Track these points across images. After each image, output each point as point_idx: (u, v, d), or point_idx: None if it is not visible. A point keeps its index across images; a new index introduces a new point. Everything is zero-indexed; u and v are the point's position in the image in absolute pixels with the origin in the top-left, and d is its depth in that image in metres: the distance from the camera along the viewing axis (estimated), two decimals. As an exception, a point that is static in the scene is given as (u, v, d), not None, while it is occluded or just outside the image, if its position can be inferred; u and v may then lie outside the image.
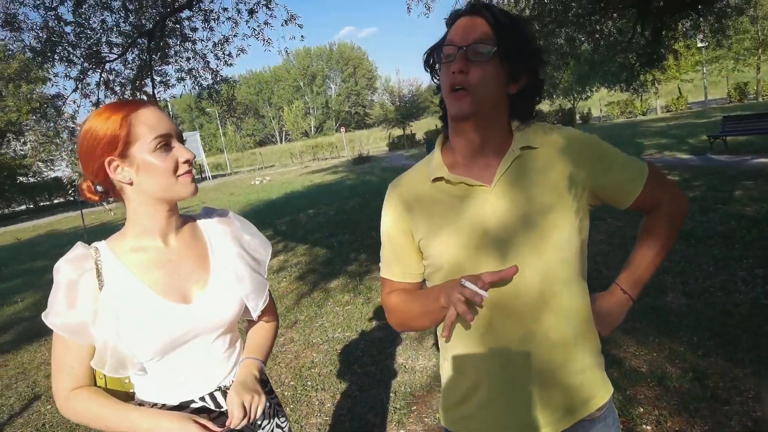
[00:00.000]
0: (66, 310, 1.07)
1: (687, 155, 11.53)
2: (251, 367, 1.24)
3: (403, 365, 3.58)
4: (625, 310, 1.20)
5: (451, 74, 1.02)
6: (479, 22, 1.02)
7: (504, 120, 1.10)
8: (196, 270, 1.19)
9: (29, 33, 6.33)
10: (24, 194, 38.96)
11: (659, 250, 1.19)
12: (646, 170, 1.14)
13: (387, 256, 1.23)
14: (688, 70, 32.11)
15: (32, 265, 11.76)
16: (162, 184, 1.10)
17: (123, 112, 1.07)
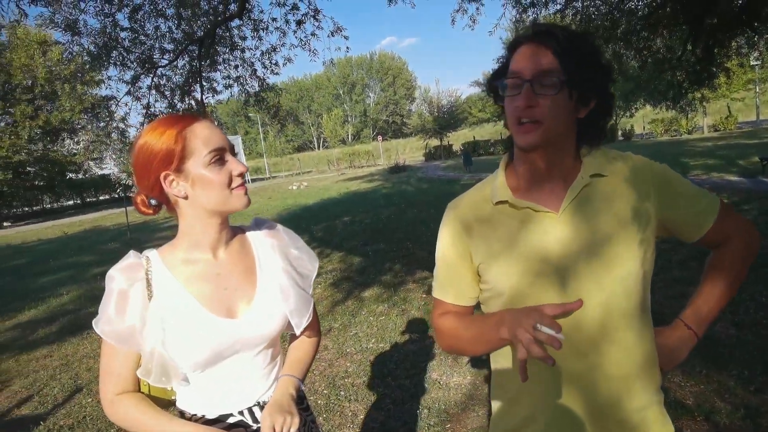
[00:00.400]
0: (115, 318, 1.09)
1: (737, 177, 11.09)
2: (288, 386, 1.23)
3: (437, 381, 3.54)
4: (690, 347, 1.14)
5: (517, 108, 0.99)
6: (543, 52, 0.97)
7: (572, 145, 1.07)
8: (242, 284, 1.20)
9: (87, 38, 6.62)
10: (72, 190, 40.65)
11: (728, 287, 1.14)
12: (718, 204, 1.10)
13: (442, 276, 1.20)
14: (738, 89, 30.93)
15: (78, 259, 12.22)
16: (217, 197, 1.11)
17: (178, 127, 1.09)
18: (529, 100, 0.97)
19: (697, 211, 1.09)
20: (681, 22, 7.20)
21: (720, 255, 1.16)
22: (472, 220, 1.14)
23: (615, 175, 1.06)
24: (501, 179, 1.12)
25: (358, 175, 34.36)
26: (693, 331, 1.13)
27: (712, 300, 1.14)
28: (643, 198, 1.04)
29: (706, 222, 1.09)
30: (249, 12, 6.78)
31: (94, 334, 5.81)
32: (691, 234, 1.11)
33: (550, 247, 1.03)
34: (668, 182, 1.08)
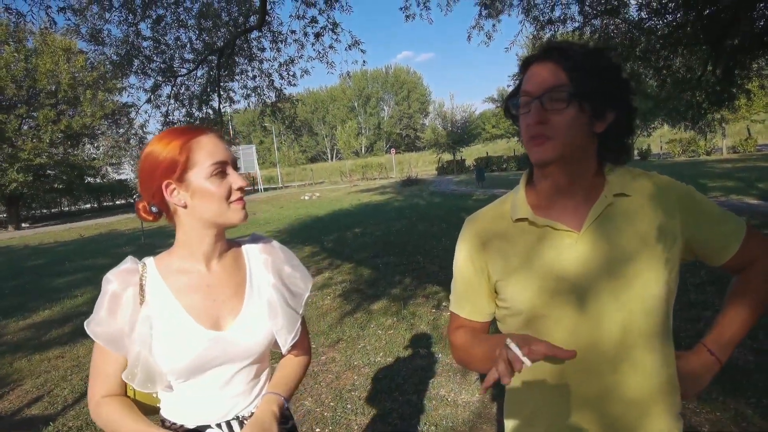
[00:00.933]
0: (106, 319, 1.12)
1: (756, 200, 10.93)
2: (271, 403, 1.23)
3: (445, 398, 3.50)
4: (713, 373, 1.11)
5: (528, 125, 0.99)
6: (551, 67, 0.97)
7: (592, 161, 1.05)
8: (231, 298, 1.21)
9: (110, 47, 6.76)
10: (90, 194, 41.25)
11: (752, 312, 1.10)
12: (744, 227, 1.08)
13: (458, 291, 1.20)
14: (759, 111, 30.58)
15: (93, 262, 12.35)
16: (215, 209, 1.14)
17: (183, 138, 1.12)
18: (539, 116, 0.97)
19: (723, 234, 1.07)
20: (701, 43, 7.17)
21: (745, 279, 1.12)
22: (490, 236, 1.13)
23: (639, 195, 1.05)
24: (521, 196, 1.11)
25: (371, 187, 34.43)
26: (716, 357, 1.10)
27: (735, 325, 1.11)
28: (668, 218, 1.03)
29: (732, 245, 1.07)
30: (269, 24, 6.89)
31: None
32: (717, 257, 1.08)
33: (569, 266, 1.02)
34: (694, 203, 1.06)
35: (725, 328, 1.12)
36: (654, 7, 7.09)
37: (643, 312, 0.99)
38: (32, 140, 29.58)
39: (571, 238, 1.03)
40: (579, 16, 7.17)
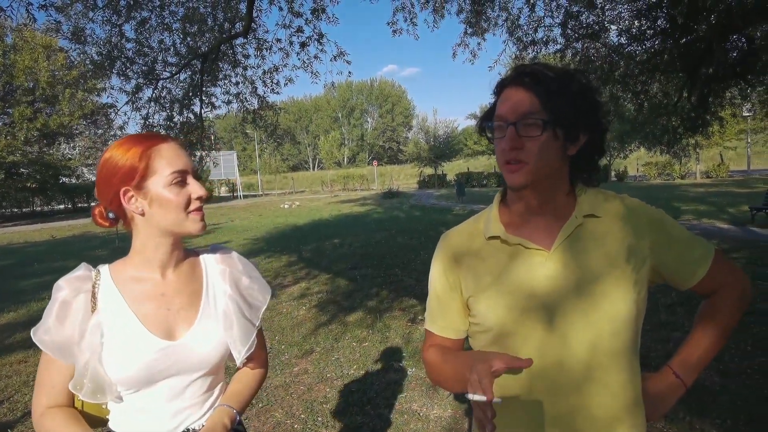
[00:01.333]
0: (54, 327, 1.08)
1: (727, 225, 11.21)
2: (223, 416, 1.20)
3: (417, 412, 3.48)
4: (678, 396, 1.11)
5: (503, 150, 1.01)
6: (525, 93, 0.98)
7: (564, 182, 1.07)
8: (186, 307, 1.19)
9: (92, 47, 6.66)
10: (64, 194, 40.31)
11: (719, 336, 1.12)
12: (713, 251, 1.10)
13: (432, 308, 1.20)
14: (731, 138, 31.55)
15: (64, 264, 12.03)
16: (172, 218, 1.12)
17: (144, 145, 1.11)
18: (513, 142, 0.99)
19: (691, 258, 1.08)
20: (678, 70, 7.36)
21: (712, 303, 1.14)
22: (463, 253, 1.14)
23: (609, 216, 1.07)
24: (494, 214, 1.13)
25: (351, 198, 34.40)
26: (681, 380, 1.11)
27: (702, 348, 1.13)
28: (636, 240, 1.04)
29: (700, 269, 1.09)
30: (254, 31, 6.86)
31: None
32: (685, 281, 1.10)
33: (539, 284, 1.03)
34: (663, 227, 1.08)
35: (692, 351, 1.13)
36: (633, 33, 7.27)
37: (611, 332, 1.00)
38: (6, 137, 28.88)
39: (541, 256, 1.04)
40: (561, 38, 7.31)
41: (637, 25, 7.20)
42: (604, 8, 7.15)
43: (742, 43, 7.28)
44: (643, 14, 6.85)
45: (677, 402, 1.13)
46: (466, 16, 7.20)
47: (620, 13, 7.40)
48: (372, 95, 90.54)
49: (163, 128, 6.99)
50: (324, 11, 6.51)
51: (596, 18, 7.10)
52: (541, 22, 7.21)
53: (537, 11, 7.09)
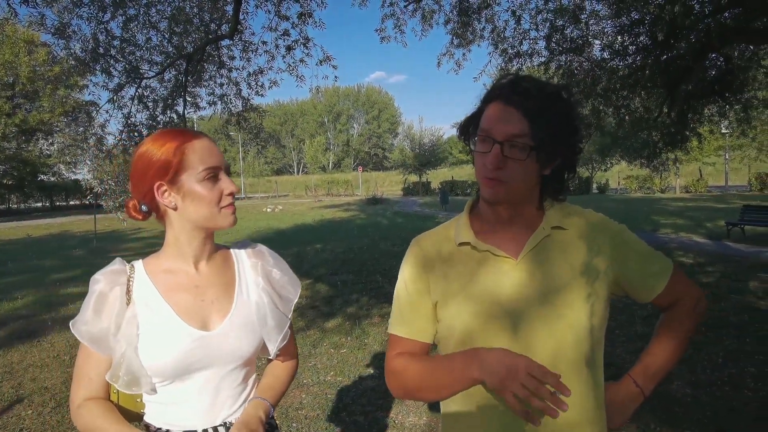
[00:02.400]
0: (92, 320, 1.11)
1: (703, 239, 11.43)
2: (258, 409, 1.21)
3: (392, 420, 3.47)
4: (637, 404, 1.14)
5: (485, 165, 1.02)
6: (516, 114, 0.98)
7: (536, 197, 1.11)
8: (220, 298, 1.20)
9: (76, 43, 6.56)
10: (42, 192, 39.54)
11: (677, 347, 1.17)
12: (671, 267, 1.14)
13: (400, 311, 1.18)
14: (710, 154, 32.25)
15: (39, 263, 11.80)
16: (205, 212, 1.14)
17: (178, 140, 1.13)
18: (498, 161, 1.00)
19: (650, 273, 1.12)
20: (658, 86, 7.51)
21: (670, 316, 1.19)
22: (434, 258, 1.15)
23: (574, 229, 1.10)
24: (465, 221, 1.15)
25: (335, 203, 34.34)
26: (640, 389, 1.14)
27: (661, 359, 1.16)
28: (597, 253, 1.08)
29: (659, 284, 1.12)
30: (240, 33, 6.84)
31: (44, 342, 5.59)
32: (644, 294, 1.14)
33: (505, 291, 1.05)
34: (624, 242, 1.12)
35: (651, 361, 1.16)
36: (616, 48, 7.41)
37: (573, 341, 1.02)
38: (-17, 132, 28.31)
39: (508, 264, 1.06)
40: (546, 51, 7.42)
41: (620, 40, 7.34)
42: (588, 23, 7.27)
43: (721, 61, 7.47)
44: (625, 30, 6.99)
45: (636, 410, 1.15)
46: (453, 27, 7.27)
47: (604, 29, 7.54)
48: (359, 101, 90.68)
49: (145, 127, 6.91)
50: (311, 16, 6.51)
51: (580, 32, 7.22)
52: (527, 35, 7.32)
53: (522, 24, 7.20)
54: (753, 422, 3.20)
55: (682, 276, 1.16)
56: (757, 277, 7.16)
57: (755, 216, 11.18)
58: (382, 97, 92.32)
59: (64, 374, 4.53)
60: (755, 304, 5.78)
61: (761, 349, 4.36)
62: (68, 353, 5.10)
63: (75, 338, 4.27)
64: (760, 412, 3.32)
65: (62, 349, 5.24)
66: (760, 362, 4.10)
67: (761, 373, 3.91)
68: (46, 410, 3.81)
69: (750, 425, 3.16)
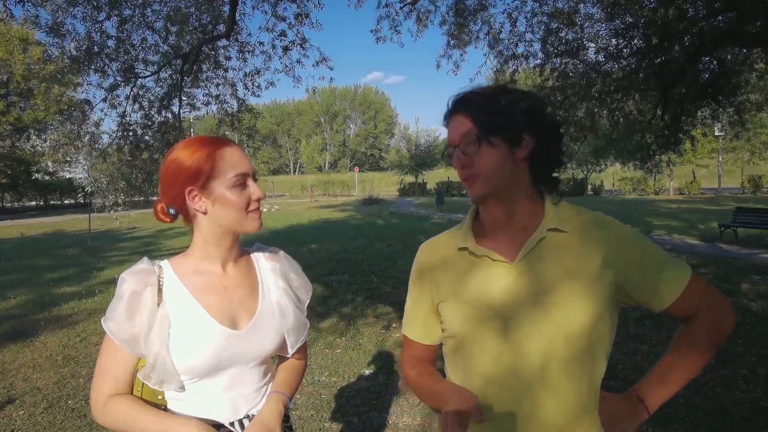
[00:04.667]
0: (124, 319, 1.13)
1: (696, 241, 11.50)
2: (278, 402, 1.27)
3: (387, 420, 3.48)
4: (639, 422, 1.08)
5: (457, 170, 1.10)
6: (460, 118, 1.07)
7: (524, 190, 1.10)
8: (246, 299, 1.27)
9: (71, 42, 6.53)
10: (37, 190, 39.32)
11: (690, 366, 1.09)
12: (689, 274, 1.07)
13: (409, 314, 1.27)
14: (704, 156, 32.40)
15: (33, 262, 11.74)
16: (233, 217, 1.20)
17: (209, 148, 1.18)
18: (461, 161, 1.08)
19: (663, 279, 1.06)
20: (652, 89, 7.55)
21: (688, 332, 1.11)
22: (437, 262, 1.20)
23: (575, 232, 1.08)
24: (467, 226, 1.19)
25: (331, 203, 34.32)
26: (645, 407, 1.08)
27: (671, 379, 1.09)
28: (596, 256, 1.05)
29: (674, 292, 1.06)
30: (237, 34, 6.83)
31: (37, 342, 5.56)
32: (657, 303, 1.07)
33: (500, 294, 1.07)
34: (633, 245, 1.07)
35: (660, 379, 1.10)
36: (610, 51, 7.44)
37: (563, 343, 1.02)
38: (-24, 130, 28.11)
39: (504, 268, 1.08)
40: (541, 54, 7.45)
41: (614, 43, 7.37)
42: (583, 26, 7.30)
43: (714, 65, 7.52)
44: (620, 33, 7.02)
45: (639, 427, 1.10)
46: (448, 28, 7.29)
47: (598, 32, 7.57)
48: (355, 101, 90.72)
49: (140, 127, 6.89)
50: (308, 16, 6.52)
51: (575, 35, 7.25)
52: (522, 37, 7.34)
53: (518, 26, 7.23)
54: (745, 423, 3.22)
55: (704, 285, 1.09)
56: (748, 279, 7.21)
57: (747, 218, 11.25)
58: (378, 98, 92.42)
59: (56, 374, 4.52)
60: (747, 306, 5.82)
61: (753, 351, 4.39)
62: (61, 353, 5.08)
63: (67, 339, 4.30)
64: (752, 413, 3.35)
65: (55, 349, 5.22)
66: (751, 364, 4.14)
67: (753, 374, 3.94)
68: (38, 411, 3.80)
69: (741, 426, 3.19)
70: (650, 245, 1.09)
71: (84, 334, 5.67)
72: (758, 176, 31.60)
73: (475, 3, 6.95)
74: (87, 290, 8.25)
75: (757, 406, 3.43)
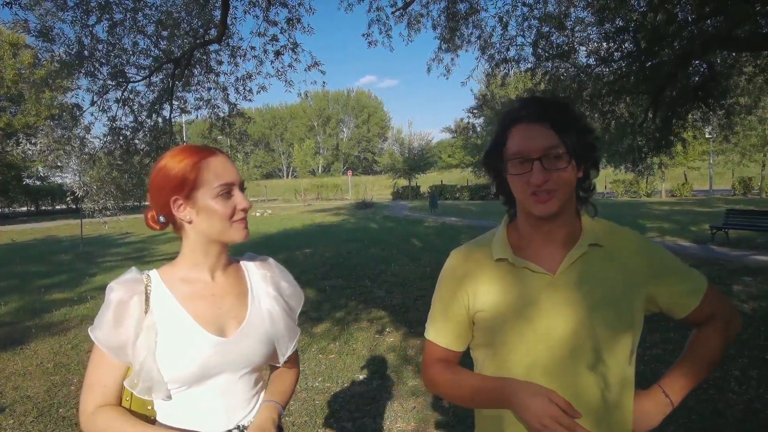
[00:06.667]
0: (111, 327, 1.13)
1: (688, 243, 11.57)
2: (271, 411, 1.27)
3: (381, 425, 3.46)
4: (665, 413, 1.19)
5: (530, 183, 1.06)
6: (543, 129, 1.05)
7: (573, 206, 1.15)
8: (235, 306, 1.26)
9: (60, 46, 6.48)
10: (28, 196, 38.95)
11: (705, 366, 1.21)
12: (706, 284, 1.18)
13: (438, 319, 1.26)
14: (695, 159, 32.62)
15: (23, 269, 11.63)
16: (217, 227, 1.19)
17: (195, 157, 1.17)
18: (544, 175, 1.05)
19: (685, 290, 1.17)
20: (643, 92, 7.60)
21: (702, 334, 1.22)
22: (471, 272, 1.21)
23: (612, 246, 1.15)
24: (503, 237, 1.20)
25: (325, 207, 34.28)
26: (670, 399, 1.18)
27: (689, 374, 1.20)
28: (634, 271, 1.13)
29: (694, 301, 1.17)
30: (228, 38, 6.82)
31: (27, 349, 5.50)
32: (678, 311, 1.18)
33: (541, 305, 1.10)
34: (660, 260, 1.17)
35: (680, 375, 1.20)
36: (601, 55, 7.49)
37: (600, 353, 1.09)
38: (-34, 136, 27.83)
39: (545, 280, 1.12)
40: (532, 57, 7.48)
41: (605, 47, 7.42)
42: (574, 30, 7.35)
43: (704, 68, 7.58)
44: (610, 37, 7.06)
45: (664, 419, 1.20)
46: (440, 32, 7.31)
47: (589, 35, 7.62)
48: (348, 105, 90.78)
49: (130, 131, 6.85)
50: (299, 21, 6.52)
51: (566, 39, 7.30)
52: (513, 41, 7.37)
53: (509, 30, 7.26)
54: (738, 424, 3.23)
55: (717, 293, 1.21)
56: (740, 281, 7.25)
57: (738, 220, 11.33)
58: (371, 102, 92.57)
59: (47, 383, 4.46)
60: (739, 307, 5.85)
61: (745, 353, 4.42)
62: (52, 361, 5.03)
63: (58, 346, 4.26)
64: (745, 414, 3.36)
65: (46, 357, 5.17)
66: (744, 366, 4.16)
67: (745, 376, 3.96)
68: (28, 420, 3.75)
69: (735, 428, 3.20)
70: (673, 258, 1.19)
71: (76, 341, 5.61)
72: (748, 178, 31.87)
73: (467, 7, 6.98)
74: (79, 297, 8.17)
75: (751, 408, 3.45)
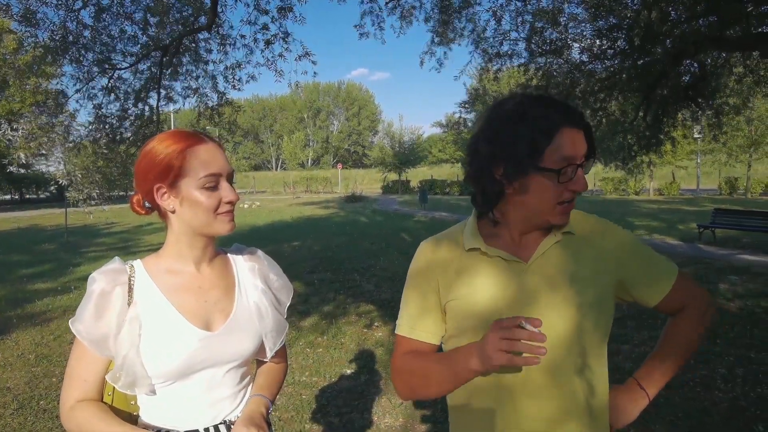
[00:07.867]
0: (93, 319, 1.09)
1: (676, 241, 11.66)
2: (260, 405, 1.23)
3: (368, 421, 3.43)
4: (641, 407, 1.18)
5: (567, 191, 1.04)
6: (581, 137, 1.05)
7: None
8: (222, 299, 1.22)
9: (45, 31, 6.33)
10: (11, 184, 38.37)
11: (683, 353, 1.20)
12: (676, 272, 1.18)
13: (410, 313, 1.21)
14: (683, 158, 32.93)
15: (6, 258, 11.45)
16: (201, 219, 1.14)
17: (182, 144, 1.12)
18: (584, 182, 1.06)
19: (655, 277, 1.16)
20: (635, 89, 7.61)
21: (676, 324, 1.22)
22: (445, 262, 1.18)
23: (584, 234, 1.15)
24: (473, 227, 1.17)
25: (314, 200, 34.16)
26: (645, 392, 1.18)
27: (665, 365, 1.19)
28: (604, 257, 1.12)
29: (664, 288, 1.16)
30: (218, 26, 6.70)
31: (8, 340, 5.39)
32: (650, 298, 1.17)
33: (514, 294, 1.09)
34: (629, 247, 1.16)
35: (656, 367, 1.20)
36: (594, 51, 7.49)
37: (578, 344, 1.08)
38: (-52, 122, 27.28)
39: (518, 267, 1.10)
40: (525, 53, 7.46)
41: (598, 44, 7.42)
42: (568, 26, 7.33)
43: (695, 68, 7.61)
44: (603, 34, 7.06)
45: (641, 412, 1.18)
46: (433, 25, 7.25)
47: (582, 32, 7.61)
48: (339, 98, 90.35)
49: (116, 119, 6.72)
50: (291, 10, 6.42)
51: (559, 35, 7.28)
52: (507, 35, 7.34)
53: (503, 25, 7.22)
54: (724, 422, 3.25)
55: (689, 281, 1.20)
56: (726, 280, 7.32)
57: (725, 219, 11.44)
58: (362, 95, 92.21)
59: (28, 374, 4.38)
60: (725, 306, 5.90)
61: (731, 351, 4.44)
62: (33, 352, 4.93)
63: (40, 337, 4.18)
64: (731, 412, 3.37)
65: (27, 348, 5.07)
66: (730, 363, 4.18)
67: (731, 374, 3.98)
68: (8, 412, 3.67)
69: (721, 425, 3.21)
70: (644, 247, 1.19)
71: (58, 332, 5.51)
72: (734, 178, 32.24)
73: (460, 0, 6.92)
74: (62, 287, 8.04)
75: (736, 406, 3.46)
